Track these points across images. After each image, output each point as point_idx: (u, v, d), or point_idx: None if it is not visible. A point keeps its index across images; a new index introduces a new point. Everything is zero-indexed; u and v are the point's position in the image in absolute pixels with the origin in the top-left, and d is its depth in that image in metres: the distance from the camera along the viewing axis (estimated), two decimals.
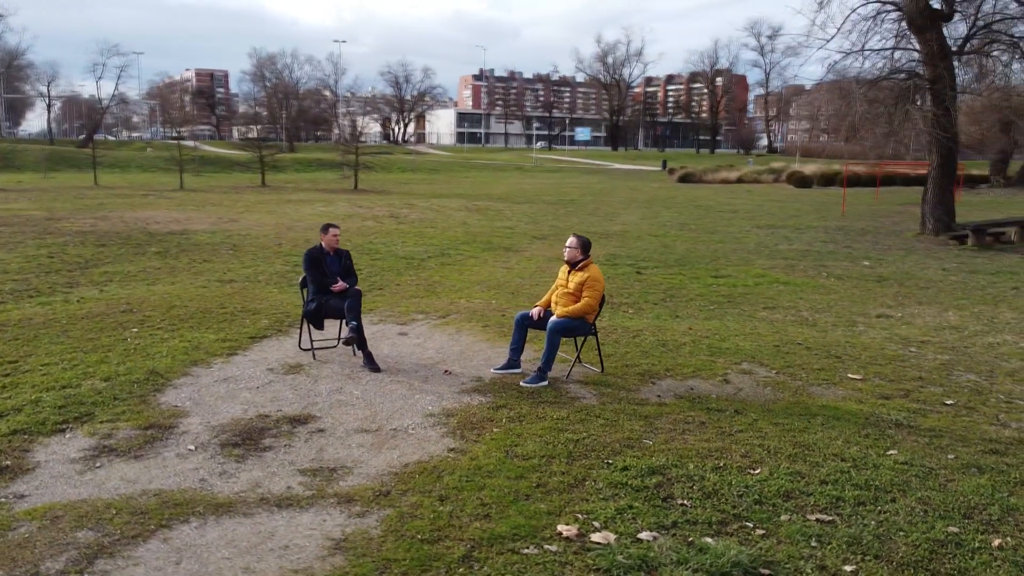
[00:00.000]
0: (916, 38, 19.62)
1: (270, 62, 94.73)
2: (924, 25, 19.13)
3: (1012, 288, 11.90)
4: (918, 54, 19.99)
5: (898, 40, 20.70)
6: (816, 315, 9.67)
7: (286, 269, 12.17)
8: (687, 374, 6.71)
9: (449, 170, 57.72)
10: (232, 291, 10.06)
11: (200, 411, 5.52)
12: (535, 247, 16.19)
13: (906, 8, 19.39)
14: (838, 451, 5.00)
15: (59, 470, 4.49)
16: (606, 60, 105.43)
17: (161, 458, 4.70)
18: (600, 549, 3.74)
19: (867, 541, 3.89)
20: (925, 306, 10.39)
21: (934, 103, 19.19)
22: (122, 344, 7.17)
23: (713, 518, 4.10)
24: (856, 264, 14.56)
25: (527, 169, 61.83)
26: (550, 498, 4.28)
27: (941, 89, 18.88)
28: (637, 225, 21.67)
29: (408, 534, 3.82)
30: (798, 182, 45.53)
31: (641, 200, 33.24)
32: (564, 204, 30.16)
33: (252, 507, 4.09)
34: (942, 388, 6.48)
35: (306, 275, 7.02)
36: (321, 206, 25.40)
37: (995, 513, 4.22)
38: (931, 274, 13.40)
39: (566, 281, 6.67)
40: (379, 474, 4.55)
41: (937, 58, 18.89)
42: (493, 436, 5.15)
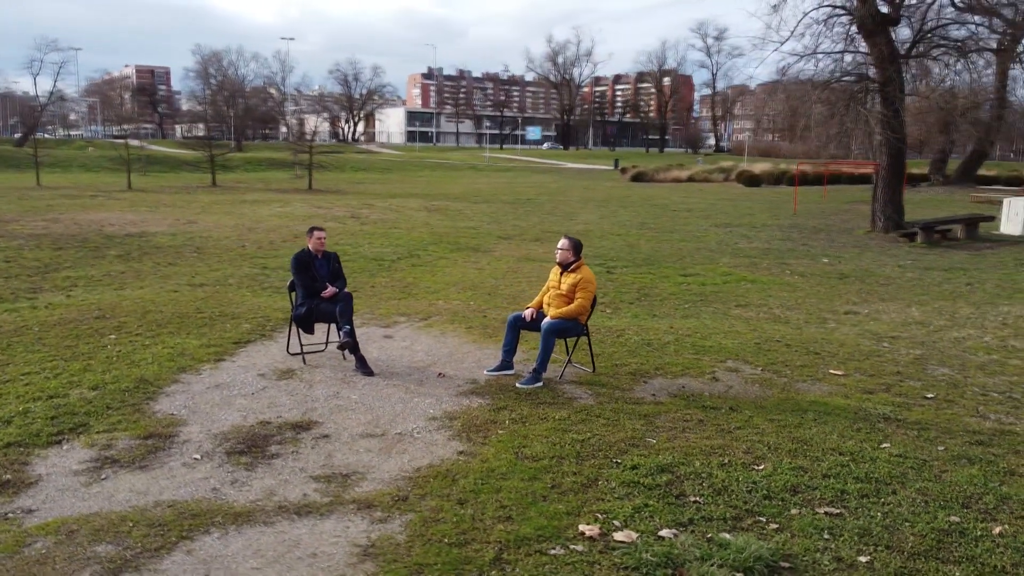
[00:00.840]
0: (866, 42, 20.21)
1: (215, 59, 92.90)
2: (874, 29, 19.72)
3: (966, 284, 12.37)
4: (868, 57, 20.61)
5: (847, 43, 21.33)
6: (787, 312, 9.93)
7: (255, 272, 11.99)
8: (676, 373, 6.84)
9: (402, 169, 57.35)
10: (205, 295, 9.87)
11: (198, 419, 5.43)
12: (502, 247, 16.23)
13: (856, 13, 19.98)
14: (835, 445, 5.17)
15: (63, 483, 4.38)
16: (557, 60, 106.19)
17: (167, 468, 4.62)
18: (625, 548, 3.81)
19: (876, 532, 4.04)
20: (888, 302, 10.74)
21: (884, 105, 19.80)
22: (103, 351, 6.99)
23: (727, 514, 4.21)
24: (816, 261, 14.95)
25: (481, 168, 61.79)
26: (566, 499, 4.33)
27: (891, 92, 19.50)
28: (598, 224, 21.86)
29: (434, 538, 3.84)
30: (747, 181, 46.41)
31: (597, 199, 33.51)
32: (522, 203, 30.25)
33: (271, 516, 4.06)
34: (920, 382, 6.73)
35: (295, 279, 6.94)
36: (278, 207, 25.01)
37: (991, 502, 4.42)
38: (889, 271, 13.84)
39: (558, 283, 6.74)
40: (393, 479, 4.55)
41: (886, 61, 19.50)
42: (500, 438, 5.18)
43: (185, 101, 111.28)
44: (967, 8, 21.93)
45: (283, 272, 12.04)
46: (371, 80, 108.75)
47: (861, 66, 20.65)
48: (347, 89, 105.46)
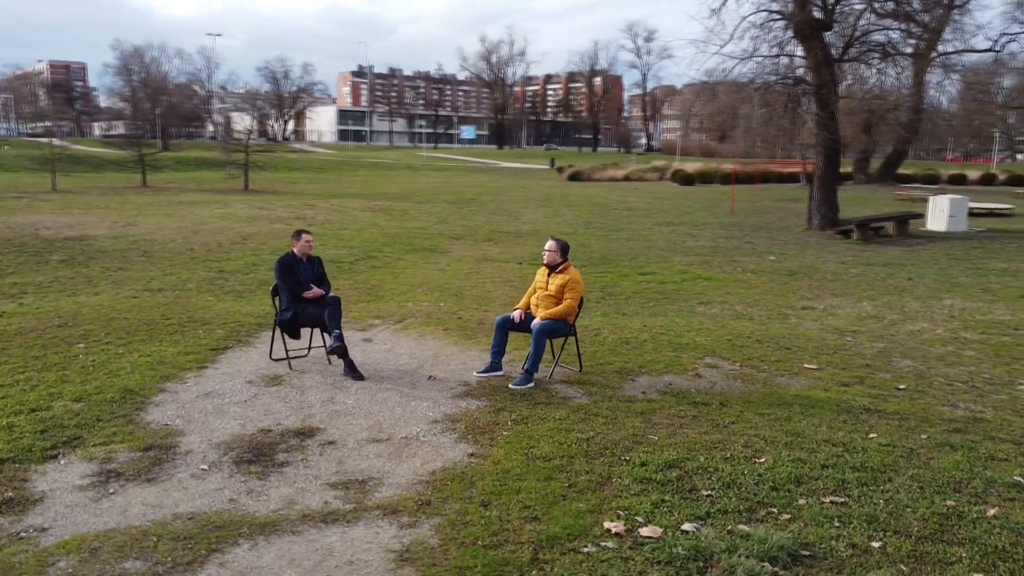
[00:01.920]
0: (802, 46, 20.94)
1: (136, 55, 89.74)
2: (809, 34, 20.46)
3: (907, 279, 12.98)
4: (804, 61, 21.35)
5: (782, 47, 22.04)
6: (748, 309, 10.25)
7: (212, 276, 11.69)
8: (660, 370, 7.00)
9: (337, 169, 56.56)
10: (167, 301, 9.60)
11: (194, 429, 5.30)
12: (457, 248, 16.24)
13: (792, 18, 20.68)
14: (827, 437, 5.39)
15: (70, 499, 4.24)
16: (490, 59, 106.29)
17: (176, 480, 4.51)
18: (654, 543, 3.92)
19: (883, 519, 4.24)
20: (840, 297, 11.20)
21: (819, 107, 20.56)
22: (76, 361, 6.74)
23: (740, 506, 4.36)
24: (763, 259, 15.45)
25: (417, 168, 61.43)
26: (585, 497, 4.41)
27: (826, 94, 20.27)
28: (545, 224, 22.05)
29: (467, 541, 3.87)
30: (681, 180, 47.43)
31: (538, 198, 33.76)
32: (464, 203, 30.28)
33: (298, 525, 4.02)
34: (889, 374, 7.06)
35: (279, 283, 6.83)
36: (217, 208, 24.39)
37: (979, 486, 4.69)
38: (832, 267, 14.40)
39: (546, 284, 6.82)
40: (410, 483, 4.55)
41: (821, 65, 20.26)
42: (506, 439, 5.23)
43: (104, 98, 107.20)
44: (886, 14, 22.93)
45: (240, 276, 11.80)
46: (301, 78, 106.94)
47: (798, 70, 21.38)
48: (276, 87, 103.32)
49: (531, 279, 12.25)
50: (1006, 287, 12.16)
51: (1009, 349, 8.09)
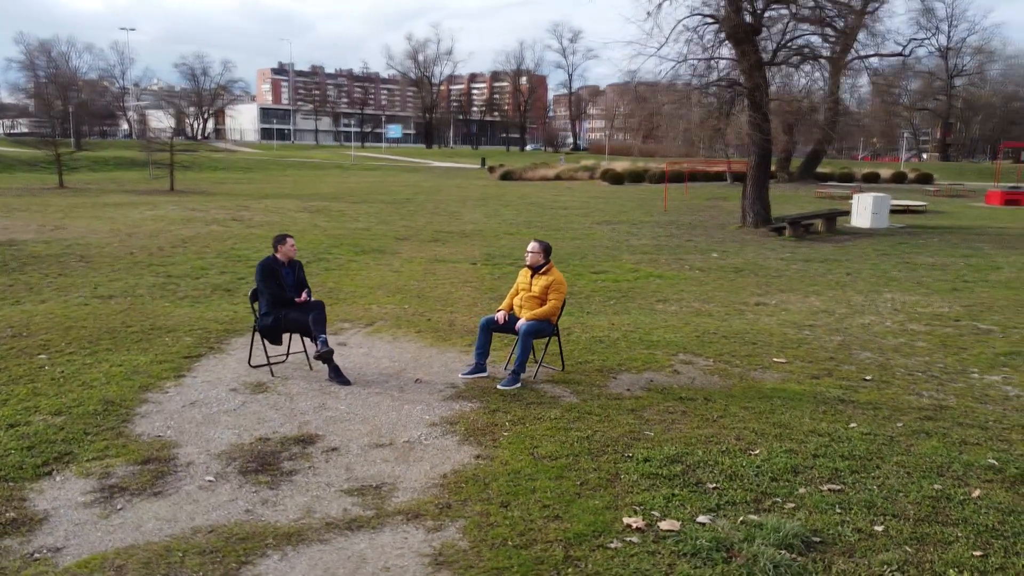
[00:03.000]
0: (735, 50, 21.59)
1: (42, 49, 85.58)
2: (741, 38, 21.11)
3: (846, 274, 13.58)
4: (736, 63, 22.02)
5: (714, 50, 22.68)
6: (705, 305, 10.55)
7: (161, 281, 11.32)
8: (639, 368, 7.17)
9: (264, 169, 55.24)
10: (121, 308, 9.26)
11: (189, 440, 5.17)
12: (405, 249, 16.14)
13: (725, 22, 21.30)
14: (812, 427, 5.64)
15: (77, 516, 4.09)
16: (417, 58, 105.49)
17: (184, 493, 4.40)
18: (676, 535, 4.04)
19: (880, 504, 4.48)
20: (788, 293, 11.63)
21: (753, 109, 21.24)
22: (43, 373, 6.46)
23: (746, 497, 4.53)
24: (707, 256, 15.89)
25: (347, 167, 60.54)
26: (599, 494, 4.51)
27: (758, 97, 20.96)
28: (487, 224, 22.10)
29: (497, 542, 3.91)
30: (612, 179, 48.17)
31: (474, 198, 33.77)
32: (401, 203, 30.05)
33: (323, 533, 3.98)
34: (854, 366, 7.41)
35: (260, 288, 6.69)
36: (148, 210, 23.54)
37: (959, 469, 4.99)
38: (774, 264, 14.93)
39: (529, 285, 6.90)
40: (425, 487, 4.56)
41: (754, 68, 20.94)
42: (509, 440, 5.28)
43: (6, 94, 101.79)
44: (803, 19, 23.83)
45: (191, 280, 11.47)
46: (221, 75, 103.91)
47: (732, 73, 22.02)
48: (195, 84, 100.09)
49: (488, 280, 12.38)
50: (937, 281, 12.85)
51: (954, 340, 8.58)
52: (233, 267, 12.70)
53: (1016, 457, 5.18)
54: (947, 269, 14.21)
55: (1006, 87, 78.64)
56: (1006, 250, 17.20)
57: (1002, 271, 14.00)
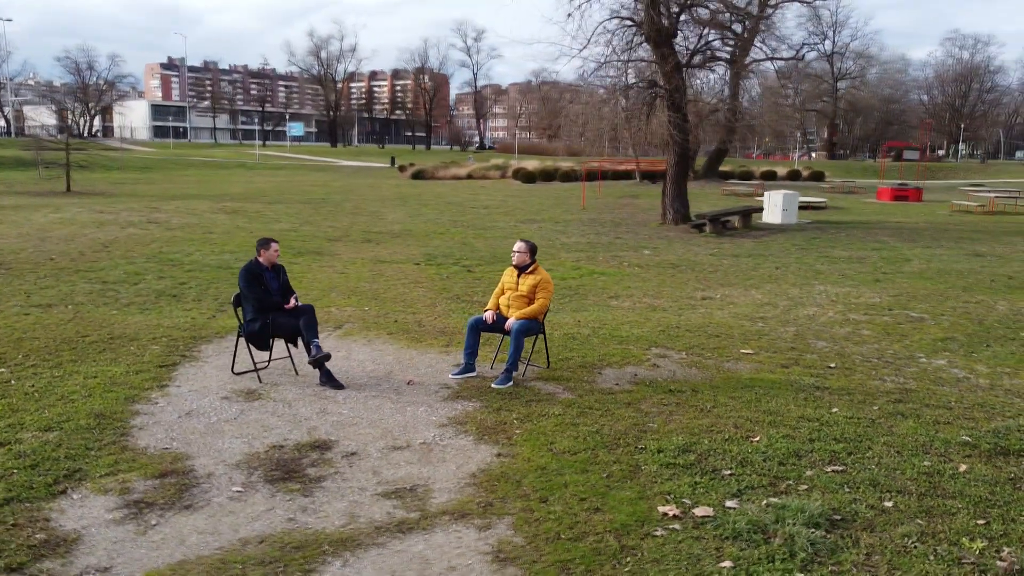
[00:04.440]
0: (654, 52, 22.25)
1: None
2: (660, 40, 21.79)
3: (776, 268, 14.27)
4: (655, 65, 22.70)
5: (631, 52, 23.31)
6: (656, 301, 10.91)
7: (98, 288, 10.77)
8: (619, 363, 7.38)
9: (163, 168, 52.88)
10: (67, 317, 8.78)
11: (199, 451, 5.02)
12: (341, 250, 15.89)
13: (644, 25, 21.93)
14: (800, 413, 5.98)
15: (112, 534, 3.93)
16: (320, 54, 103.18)
17: (217, 505, 4.29)
18: (713, 521, 4.24)
19: (883, 482, 4.82)
20: (728, 287, 12.15)
21: (672, 109, 21.95)
22: (11, 387, 6.10)
23: (762, 482, 4.79)
24: (640, 253, 16.35)
25: (251, 166, 58.69)
26: (627, 486, 4.67)
27: (678, 98, 21.68)
28: (413, 224, 21.97)
29: (550, 536, 4.01)
30: (524, 178, 48.65)
31: (390, 197, 33.49)
32: (317, 203, 29.46)
33: (375, 537, 3.98)
34: (815, 355, 7.86)
35: (245, 293, 6.51)
36: (51, 212, 22.19)
37: (940, 447, 5.41)
38: (705, 259, 15.52)
39: (516, 284, 7.00)
40: (458, 487, 4.60)
41: (673, 70, 21.65)
42: (523, 437, 5.37)
43: None
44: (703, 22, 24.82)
45: (129, 287, 10.97)
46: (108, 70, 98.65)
47: (652, 74, 22.68)
48: (80, 79, 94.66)
49: (437, 280, 12.38)
50: (859, 273, 13.69)
51: (894, 328, 9.21)
52: (170, 272, 12.22)
53: (984, 433, 5.64)
54: (864, 262, 15.14)
55: (883, 90, 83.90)
56: (908, 243, 18.44)
57: (912, 263, 15.03)
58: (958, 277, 13.18)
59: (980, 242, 18.79)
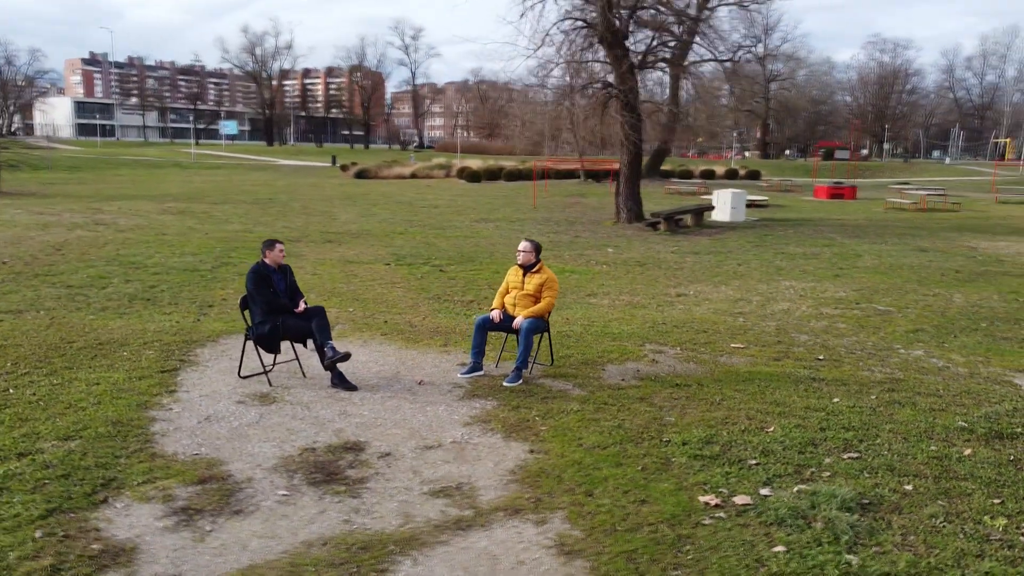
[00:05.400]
0: (607, 54, 22.57)
1: None
2: (613, 42, 22.12)
3: (738, 265, 14.68)
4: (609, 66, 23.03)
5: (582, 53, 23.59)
6: (633, 298, 11.12)
7: (63, 292, 10.40)
8: (618, 359, 7.53)
9: (94, 167, 50.98)
10: (43, 323, 8.46)
11: (230, 456, 4.95)
12: (305, 251, 15.66)
13: (597, 27, 22.23)
14: (806, 404, 6.22)
15: (170, 542, 3.87)
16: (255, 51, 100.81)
17: (267, 509, 4.26)
18: (755, 508, 4.41)
19: (898, 467, 5.08)
20: (698, 284, 12.46)
21: (626, 110, 22.31)
22: (12, 396, 5.88)
23: (788, 470, 4.99)
24: (603, 251, 16.60)
25: (187, 166, 57.08)
26: (663, 477, 4.81)
27: (632, 99, 22.05)
28: (369, 224, 21.79)
29: (606, 529, 4.11)
30: (469, 177, 48.65)
31: (337, 197, 33.10)
32: (264, 203, 28.94)
33: (437, 535, 4.01)
34: (802, 348, 8.16)
35: (253, 295, 6.42)
36: None
37: (941, 433, 5.72)
38: (667, 257, 15.86)
39: (521, 284, 7.07)
40: (502, 484, 4.66)
41: (626, 71, 22.00)
42: (550, 434, 5.46)
43: None
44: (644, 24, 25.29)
45: (98, 290, 10.63)
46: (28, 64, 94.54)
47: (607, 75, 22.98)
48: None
49: (412, 280, 12.35)
50: (818, 268, 14.20)
51: (866, 321, 9.62)
52: (136, 275, 11.87)
53: (977, 419, 5.98)
54: (819, 258, 15.70)
55: (810, 91, 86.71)
56: (855, 239, 19.18)
57: (864, 258, 15.66)
58: (910, 272, 13.81)
59: (920, 238, 19.69)
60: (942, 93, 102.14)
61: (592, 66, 23.02)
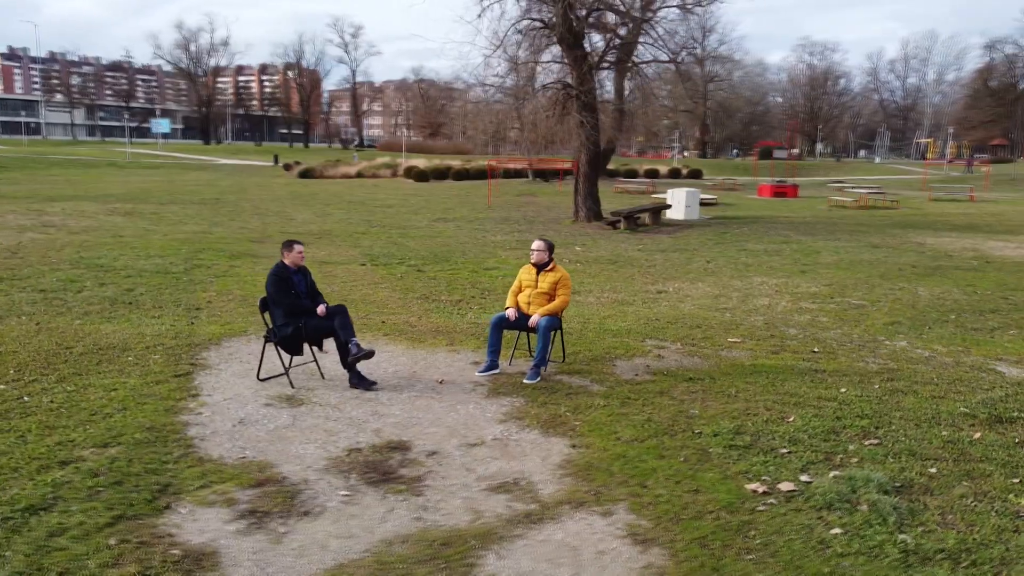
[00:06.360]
0: (566, 55, 22.81)
1: None
2: (572, 43, 22.38)
3: (707, 262, 15.06)
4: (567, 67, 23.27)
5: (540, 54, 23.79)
6: (617, 295, 11.33)
7: (36, 297, 10.04)
8: (625, 354, 7.70)
9: (23, 167, 48.91)
10: (31, 328, 8.17)
11: (278, 459, 4.93)
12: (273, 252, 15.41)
13: (555, 28, 22.44)
14: (817, 394, 6.48)
15: (247, 546, 3.85)
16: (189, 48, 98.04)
17: (334, 510, 4.26)
18: (801, 494, 4.61)
19: (919, 451, 5.35)
20: (674, 281, 12.75)
21: (585, 110, 22.58)
22: (26, 404, 5.70)
23: (817, 457, 5.21)
24: (571, 250, 16.80)
25: (123, 165, 55.28)
26: (706, 467, 4.98)
27: (590, 99, 22.33)
28: (328, 224, 21.55)
29: (671, 518, 4.25)
30: (417, 176, 48.43)
31: (286, 197, 32.62)
32: (212, 204, 28.34)
33: (511, 529, 4.09)
34: (796, 341, 8.46)
35: (275, 297, 6.36)
36: None
37: (947, 418, 6.04)
38: (636, 255, 16.15)
39: (535, 282, 7.16)
40: (557, 478, 4.76)
41: (585, 72, 22.28)
42: (587, 428, 5.58)
43: None
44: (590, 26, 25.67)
45: (73, 294, 10.31)
46: None
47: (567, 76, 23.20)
48: None
49: (393, 280, 12.31)
50: (783, 265, 14.68)
51: (845, 314, 10.02)
52: (108, 278, 11.52)
53: (976, 405, 6.33)
54: (781, 254, 16.22)
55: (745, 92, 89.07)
56: (809, 236, 19.84)
57: (822, 255, 16.24)
58: (870, 267, 14.39)
59: (869, 234, 20.49)
60: (868, 95, 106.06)
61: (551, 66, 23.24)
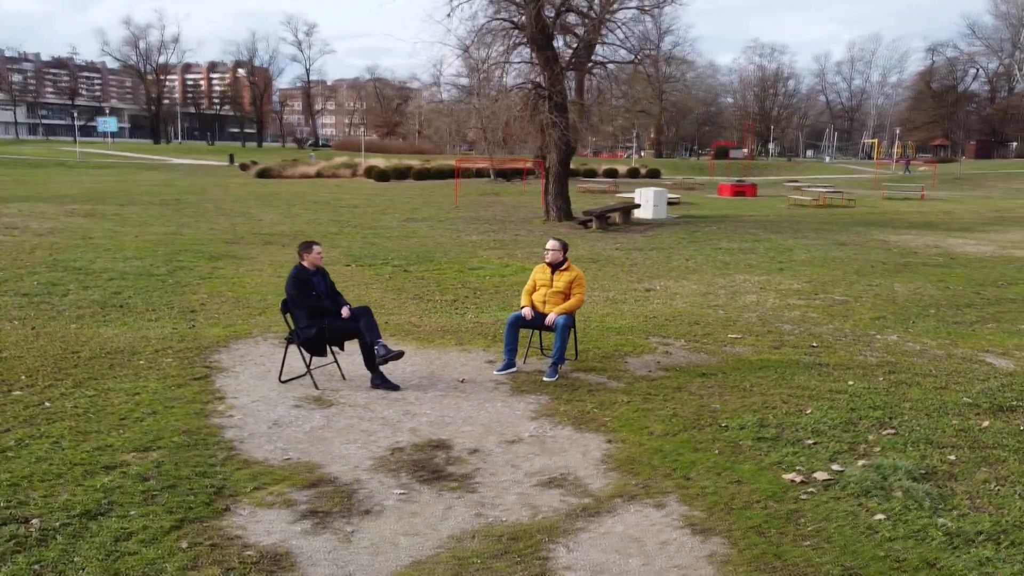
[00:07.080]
0: (537, 55, 22.96)
1: None
2: (542, 43, 22.53)
3: (686, 260, 15.33)
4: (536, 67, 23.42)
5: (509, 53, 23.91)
6: (607, 294, 11.49)
7: (22, 301, 9.79)
8: (634, 351, 7.85)
9: None
10: (28, 333, 7.98)
11: (324, 460, 4.95)
12: (253, 252, 15.25)
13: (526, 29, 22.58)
14: (828, 387, 6.71)
15: (319, 546, 3.87)
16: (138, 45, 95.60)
17: (393, 508, 4.31)
18: (838, 483, 4.80)
19: (935, 439, 5.59)
20: (660, 279, 12.97)
21: (555, 111, 22.75)
22: (50, 409, 5.60)
23: (843, 447, 5.42)
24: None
25: (72, 165, 53.73)
26: (741, 459, 5.14)
27: (561, 100, 22.51)
28: (297, 225, 21.31)
29: (722, 509, 4.39)
30: (378, 176, 48.12)
31: (247, 197, 32.16)
32: (173, 204, 27.80)
33: (574, 522, 4.18)
34: (793, 336, 8.72)
35: (296, 299, 6.34)
36: None
37: (953, 408, 6.31)
38: (614, 254, 16.36)
39: (550, 281, 7.26)
40: (601, 472, 4.87)
41: (556, 73, 22.46)
42: (619, 424, 5.70)
43: None
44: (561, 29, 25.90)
45: (59, 297, 10.08)
46: None
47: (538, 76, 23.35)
48: None
49: (383, 280, 12.29)
50: (760, 262, 15.03)
51: (832, 310, 10.33)
52: (91, 281, 11.27)
53: (976, 395, 6.63)
54: (755, 252, 16.59)
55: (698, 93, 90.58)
56: (777, 235, 20.32)
57: (795, 252, 16.66)
58: (843, 264, 14.83)
59: (834, 233, 21.06)
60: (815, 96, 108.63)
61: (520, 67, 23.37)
